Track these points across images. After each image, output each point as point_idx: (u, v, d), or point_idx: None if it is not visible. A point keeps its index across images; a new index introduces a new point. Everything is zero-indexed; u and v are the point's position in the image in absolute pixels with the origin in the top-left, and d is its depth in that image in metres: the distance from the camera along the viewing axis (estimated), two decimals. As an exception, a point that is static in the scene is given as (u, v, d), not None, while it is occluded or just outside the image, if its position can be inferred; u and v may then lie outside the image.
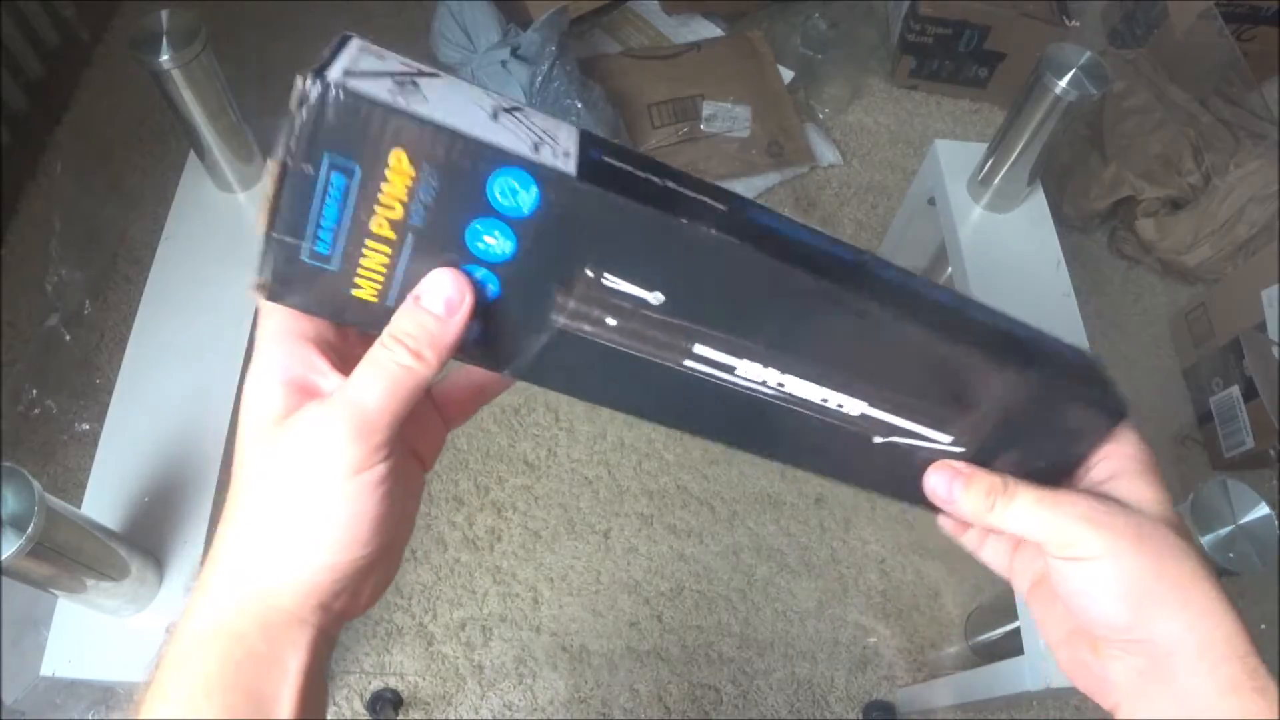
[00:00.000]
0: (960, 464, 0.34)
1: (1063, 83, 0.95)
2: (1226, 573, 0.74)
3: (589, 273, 0.29)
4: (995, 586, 1.27)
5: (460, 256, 0.28)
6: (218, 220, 0.97)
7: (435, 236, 0.28)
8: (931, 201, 1.19)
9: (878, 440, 0.34)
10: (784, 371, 0.32)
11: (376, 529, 0.28)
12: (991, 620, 1.20)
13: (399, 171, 0.26)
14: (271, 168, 0.26)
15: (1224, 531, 0.74)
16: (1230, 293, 1.42)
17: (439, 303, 0.28)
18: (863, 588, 1.28)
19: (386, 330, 0.28)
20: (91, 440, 0.83)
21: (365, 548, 0.28)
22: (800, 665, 1.22)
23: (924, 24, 1.67)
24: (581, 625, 1.21)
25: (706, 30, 1.73)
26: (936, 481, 0.34)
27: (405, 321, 0.28)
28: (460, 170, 0.26)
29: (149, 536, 0.77)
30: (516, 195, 0.27)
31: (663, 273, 0.29)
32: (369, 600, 0.31)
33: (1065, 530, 0.32)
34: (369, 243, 0.27)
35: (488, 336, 0.30)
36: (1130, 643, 0.32)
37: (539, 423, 1.35)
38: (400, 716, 1.15)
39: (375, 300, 0.28)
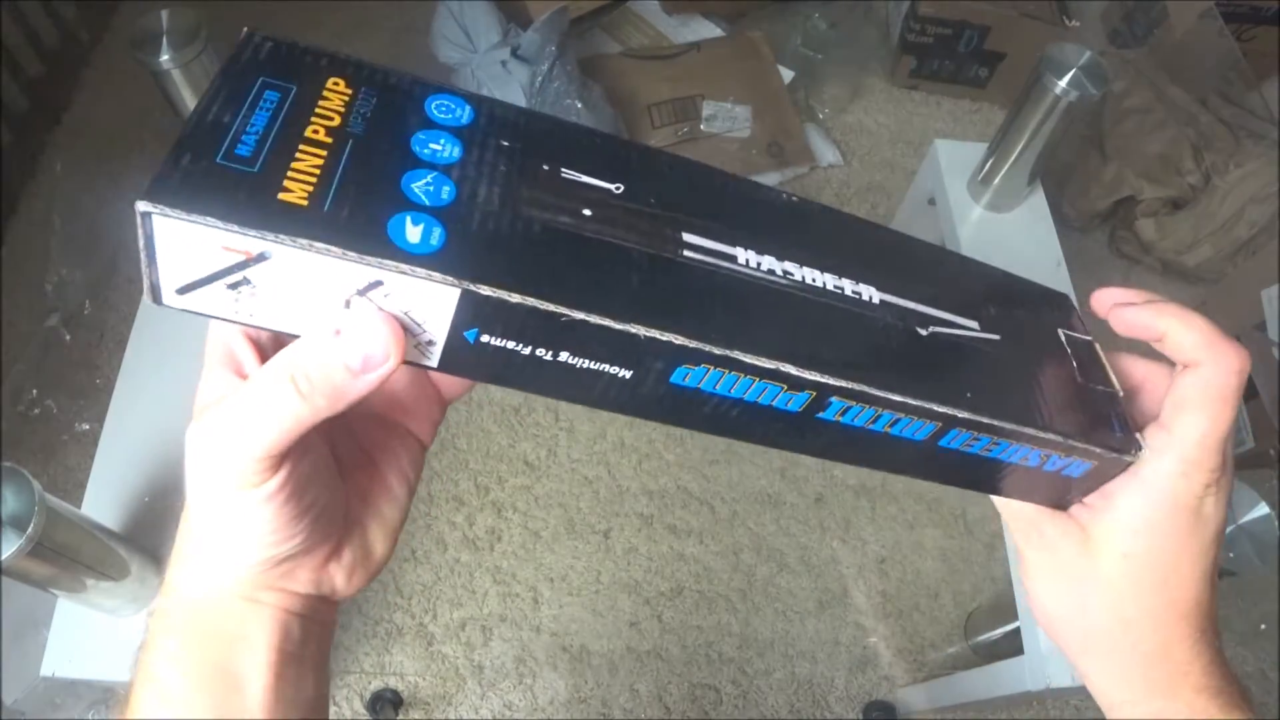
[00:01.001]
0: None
1: (1063, 83, 0.95)
2: (1226, 573, 0.74)
3: (546, 167, 0.27)
4: (995, 586, 1.27)
5: (407, 161, 0.26)
6: (218, 220, 0.97)
7: (377, 143, 0.26)
8: (931, 201, 1.19)
9: (923, 333, 0.30)
10: (781, 259, 0.29)
11: (290, 529, 0.27)
12: (991, 620, 1.20)
13: (336, 92, 0.26)
14: (209, 83, 0.26)
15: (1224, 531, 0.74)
16: (1230, 293, 1.42)
17: (356, 355, 0.24)
18: (863, 588, 1.28)
19: (287, 354, 0.25)
20: (91, 440, 0.83)
21: (286, 543, 0.27)
22: (800, 665, 1.22)
23: (924, 24, 1.67)
24: (581, 625, 1.21)
25: (706, 30, 1.73)
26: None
27: (309, 359, 0.25)
28: (397, 91, 0.27)
29: (149, 536, 0.77)
30: (453, 112, 0.27)
31: (618, 166, 0.29)
32: (350, 581, 0.30)
33: (1017, 546, 0.35)
34: (302, 148, 0.25)
35: (454, 243, 0.25)
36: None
37: (539, 423, 1.35)
38: (400, 716, 1.15)
39: (305, 204, 0.24)
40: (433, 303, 0.24)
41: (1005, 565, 0.91)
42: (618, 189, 0.28)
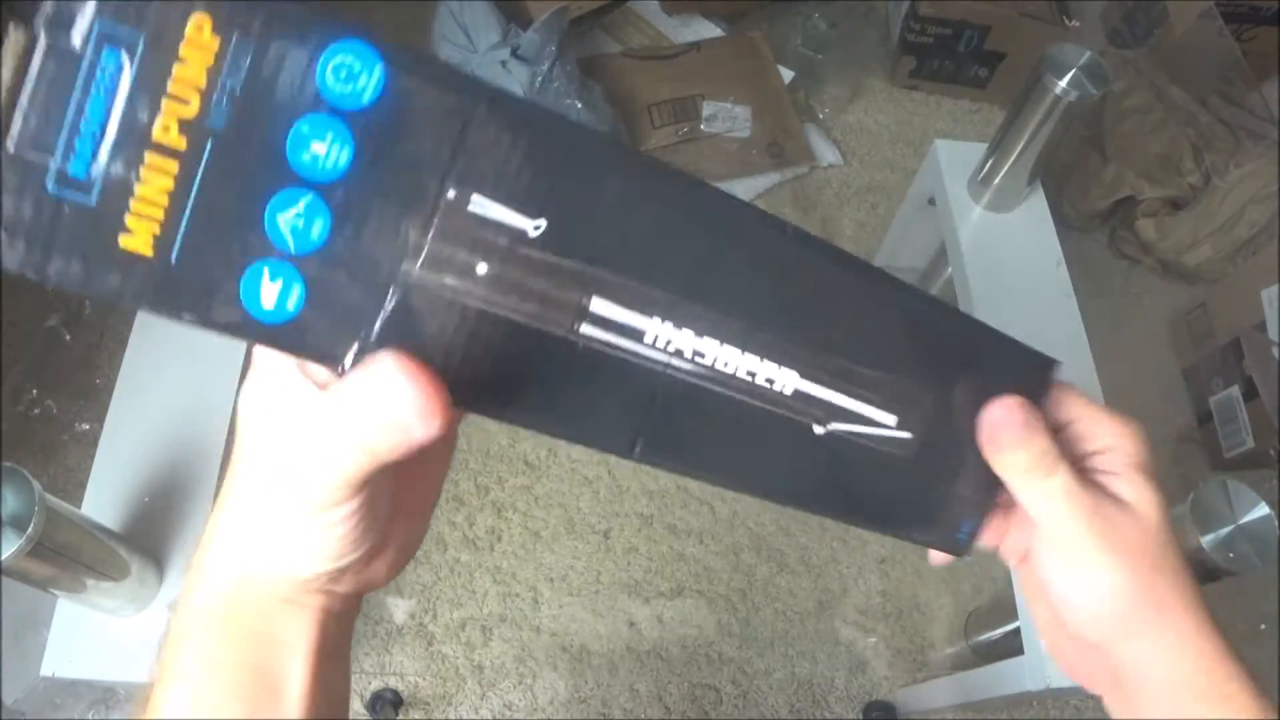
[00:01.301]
0: (1029, 410, 0.31)
1: (1063, 83, 0.95)
2: (1227, 573, 0.74)
3: (451, 194, 0.22)
4: (995, 586, 1.27)
5: (277, 175, 0.20)
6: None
7: (243, 145, 0.20)
8: (931, 201, 1.19)
9: (819, 430, 0.28)
10: (700, 334, 0.25)
11: (357, 545, 0.26)
12: (991, 620, 1.20)
13: (198, 46, 0.19)
14: (12, 39, 0.18)
15: (1224, 531, 0.74)
16: (1230, 293, 1.42)
17: (407, 414, 0.22)
18: (863, 587, 1.28)
19: (352, 394, 0.23)
20: (91, 440, 0.83)
21: (348, 557, 0.27)
22: (800, 665, 1.22)
23: (924, 24, 1.67)
24: (581, 625, 1.21)
25: (706, 30, 1.73)
26: (1008, 412, 0.31)
27: (370, 414, 0.23)
28: (281, 44, 0.20)
29: (149, 536, 0.77)
30: (355, 79, 0.20)
31: (549, 189, 0.22)
32: (390, 572, 0.30)
33: (1070, 531, 0.31)
34: (149, 158, 0.19)
35: (315, 309, 0.21)
36: (1103, 650, 0.33)
37: (539, 423, 1.35)
38: (400, 716, 1.15)
39: (151, 255, 0.20)
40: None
41: (1005, 565, 0.91)
42: (537, 228, 0.23)
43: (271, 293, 0.21)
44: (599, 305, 0.24)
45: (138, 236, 0.20)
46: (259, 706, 0.27)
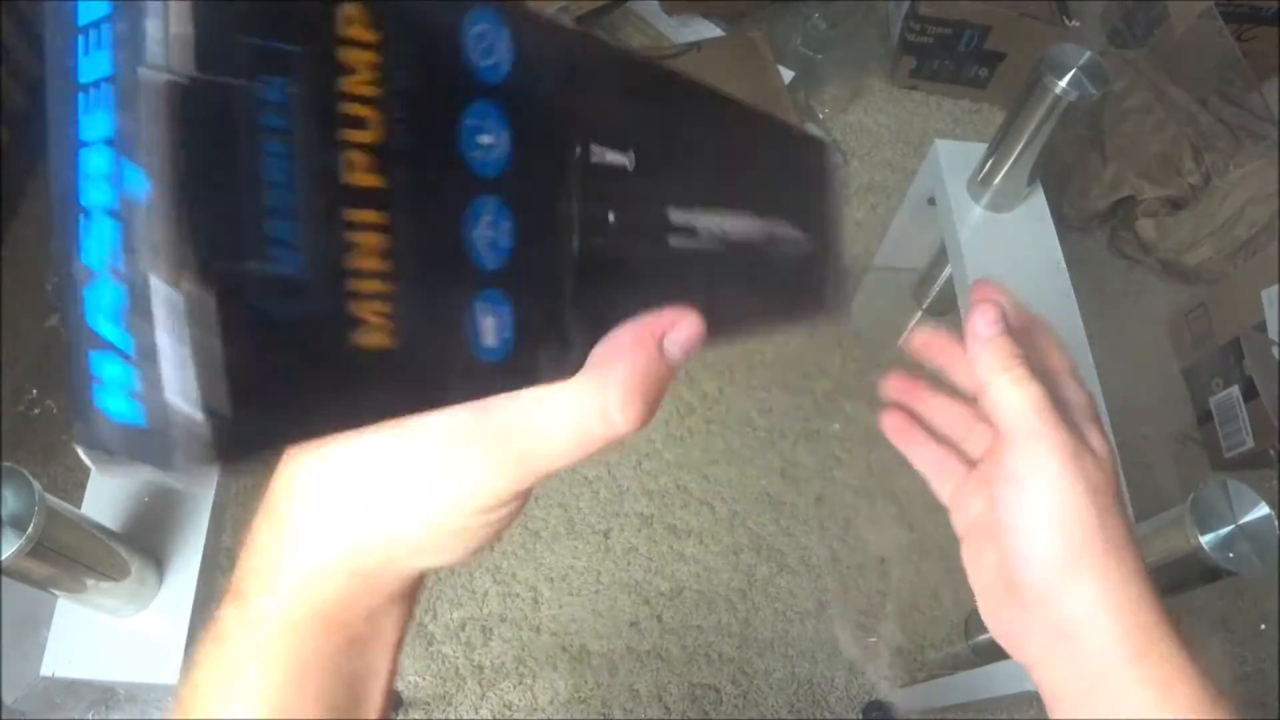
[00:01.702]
0: (999, 314, 0.34)
1: (1063, 83, 0.95)
2: (1227, 573, 0.74)
3: (578, 150, 0.20)
4: (995, 586, 1.27)
5: (463, 184, 0.17)
6: (218, 220, 0.96)
7: (428, 159, 0.16)
8: (931, 201, 1.19)
9: (769, 259, 0.31)
10: (714, 212, 0.26)
11: (498, 534, 0.25)
12: (991, 620, 1.19)
13: (359, 46, 0.15)
14: (143, 82, 0.12)
15: (1224, 531, 0.74)
16: (1230, 293, 1.42)
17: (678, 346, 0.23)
18: (863, 588, 1.28)
19: (621, 368, 0.22)
20: (91, 440, 0.83)
21: (485, 547, 0.26)
22: (800, 665, 1.22)
23: (924, 24, 1.67)
24: (581, 625, 1.21)
25: (706, 30, 1.73)
26: (983, 318, 0.34)
27: (640, 373, 0.22)
28: (432, 23, 0.16)
29: (149, 536, 0.77)
30: (494, 51, 0.18)
31: (631, 122, 0.23)
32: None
33: (1041, 441, 0.32)
34: (349, 214, 0.14)
35: (523, 326, 0.19)
36: (1048, 594, 0.32)
37: (539, 423, 1.35)
38: (400, 716, 1.15)
39: (390, 343, 0.15)
40: None
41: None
42: (631, 163, 0.22)
43: (489, 325, 0.17)
44: (675, 216, 0.24)
45: (372, 328, 0.14)
46: (344, 713, 0.25)
